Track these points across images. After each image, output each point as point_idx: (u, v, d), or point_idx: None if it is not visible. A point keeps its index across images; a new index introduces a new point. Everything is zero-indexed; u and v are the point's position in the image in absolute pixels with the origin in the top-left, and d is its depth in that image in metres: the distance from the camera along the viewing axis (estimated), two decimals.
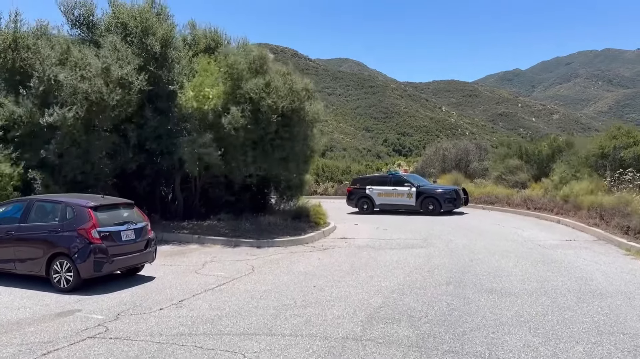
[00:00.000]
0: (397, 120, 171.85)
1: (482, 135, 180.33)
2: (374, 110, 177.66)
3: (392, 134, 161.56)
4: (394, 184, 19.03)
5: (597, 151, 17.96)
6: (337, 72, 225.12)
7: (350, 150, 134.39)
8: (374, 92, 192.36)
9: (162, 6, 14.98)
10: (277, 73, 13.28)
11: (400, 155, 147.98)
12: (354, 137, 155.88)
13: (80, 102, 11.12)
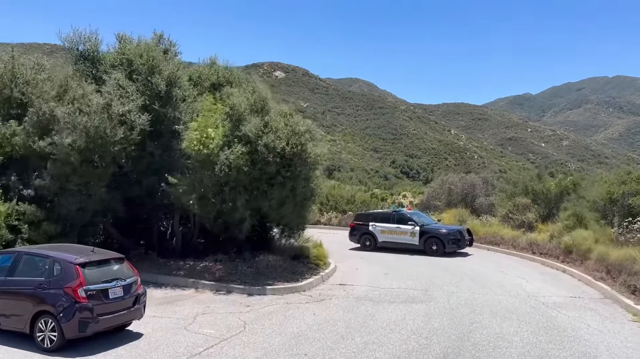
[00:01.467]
0: (406, 142, 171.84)
1: (490, 159, 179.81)
2: (383, 131, 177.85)
3: (401, 156, 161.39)
4: (398, 222, 18.74)
5: (606, 196, 17.58)
6: (347, 92, 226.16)
7: (357, 170, 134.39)
8: (384, 113, 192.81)
9: (170, 42, 15.03)
10: (279, 114, 13.15)
11: (408, 177, 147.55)
12: (362, 157, 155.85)
13: (79, 135, 11.00)
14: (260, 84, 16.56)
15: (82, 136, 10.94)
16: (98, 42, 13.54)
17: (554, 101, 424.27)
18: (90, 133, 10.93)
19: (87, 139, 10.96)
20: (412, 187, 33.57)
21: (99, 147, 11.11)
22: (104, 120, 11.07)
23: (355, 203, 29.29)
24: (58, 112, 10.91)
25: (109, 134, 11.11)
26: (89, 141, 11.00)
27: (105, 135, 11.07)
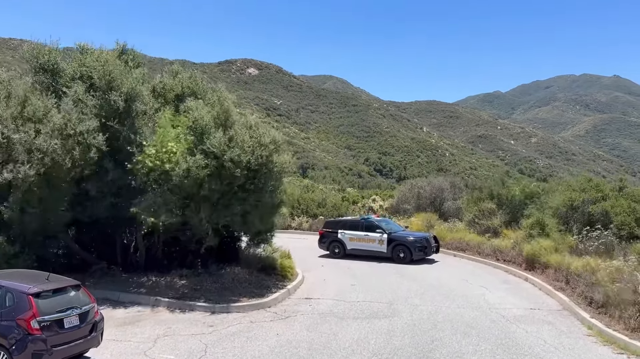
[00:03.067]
0: (379, 140, 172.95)
1: (461, 156, 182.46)
2: (356, 129, 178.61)
3: (374, 153, 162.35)
4: (366, 229, 18.87)
5: (567, 203, 18.04)
6: (321, 89, 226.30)
7: (332, 168, 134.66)
8: (357, 111, 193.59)
9: (133, 53, 14.78)
10: (244, 126, 13.05)
11: (381, 174, 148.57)
12: (336, 155, 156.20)
13: (38, 160, 10.74)
14: (227, 93, 16.44)
15: (40, 161, 10.67)
16: (59, 53, 13.19)
17: (523, 99, 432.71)
18: (47, 157, 10.65)
19: (45, 163, 10.69)
20: (382, 190, 33.74)
21: (57, 170, 10.85)
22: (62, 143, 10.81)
23: (326, 207, 29.33)
24: (15, 137, 10.58)
25: (67, 157, 10.85)
26: (46, 165, 10.73)
27: (63, 158, 10.81)
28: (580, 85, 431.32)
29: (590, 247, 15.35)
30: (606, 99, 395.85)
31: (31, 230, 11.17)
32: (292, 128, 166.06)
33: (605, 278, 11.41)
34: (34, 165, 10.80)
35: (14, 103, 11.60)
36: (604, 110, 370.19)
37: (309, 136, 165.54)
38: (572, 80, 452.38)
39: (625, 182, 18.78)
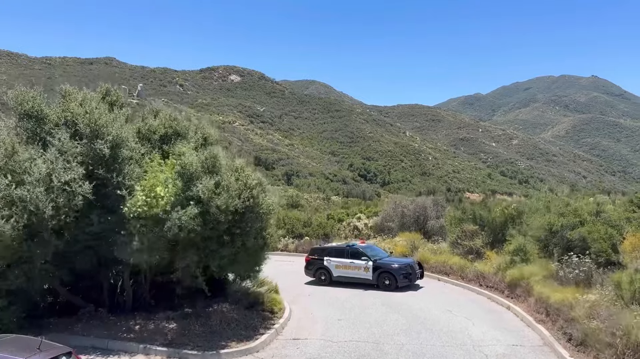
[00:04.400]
0: (363, 145, 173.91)
1: (444, 160, 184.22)
2: (340, 135, 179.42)
3: (358, 159, 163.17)
4: (352, 256, 19.13)
5: (546, 227, 18.50)
6: (304, 95, 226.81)
7: (316, 175, 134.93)
8: (340, 116, 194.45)
9: (117, 94, 14.89)
10: (230, 169, 13.22)
11: (365, 180, 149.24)
12: (320, 161, 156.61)
13: (20, 212, 10.76)
14: (210, 129, 16.65)
15: (23, 213, 10.71)
16: (42, 100, 13.20)
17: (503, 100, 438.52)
18: (29, 207, 10.70)
19: (28, 215, 10.74)
20: (367, 207, 34.03)
21: (40, 221, 10.89)
22: (45, 192, 10.86)
23: (312, 226, 29.54)
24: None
25: (51, 207, 10.90)
26: (29, 217, 10.77)
27: (46, 209, 10.86)
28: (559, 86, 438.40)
29: (570, 274, 15.80)
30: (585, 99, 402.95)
31: (16, 285, 11.18)
32: (276, 135, 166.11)
33: (582, 314, 11.78)
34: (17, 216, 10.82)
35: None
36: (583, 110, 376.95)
37: (293, 142, 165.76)
38: (552, 81, 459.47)
39: (603, 207, 19.28)
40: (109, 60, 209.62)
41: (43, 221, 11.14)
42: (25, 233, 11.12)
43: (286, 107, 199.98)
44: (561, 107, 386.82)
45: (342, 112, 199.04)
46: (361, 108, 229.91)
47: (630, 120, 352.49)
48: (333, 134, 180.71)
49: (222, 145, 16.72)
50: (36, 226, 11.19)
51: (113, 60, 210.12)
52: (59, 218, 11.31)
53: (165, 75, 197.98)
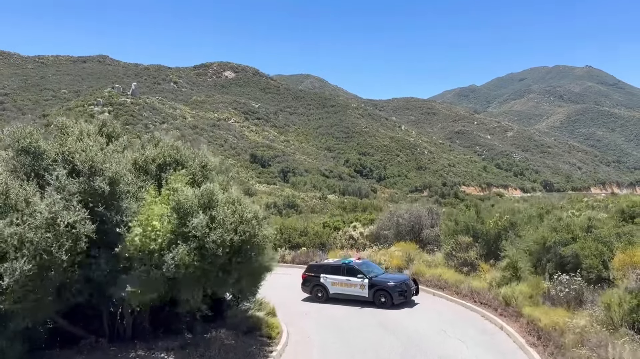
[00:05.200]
0: (358, 140, 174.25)
1: (439, 154, 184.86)
2: (336, 130, 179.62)
3: (354, 154, 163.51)
4: (348, 273, 19.42)
5: (540, 242, 18.82)
6: (299, 91, 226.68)
7: (312, 171, 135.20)
8: (336, 112, 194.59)
9: (114, 126, 15.05)
10: (227, 202, 13.41)
11: (361, 175, 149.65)
12: (316, 157, 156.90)
13: (30, 255, 10.97)
14: (210, 157, 16.83)
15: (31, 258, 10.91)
16: (39, 136, 13.35)
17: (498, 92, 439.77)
18: (38, 250, 10.90)
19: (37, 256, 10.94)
20: (363, 211, 34.33)
21: (48, 263, 11.09)
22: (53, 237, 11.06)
23: (308, 236, 29.81)
24: (5, 232, 10.78)
25: (57, 251, 11.11)
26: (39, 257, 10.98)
27: (52, 252, 11.06)
28: (553, 76, 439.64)
29: (561, 293, 16.17)
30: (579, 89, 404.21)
31: (21, 324, 11.39)
32: (272, 131, 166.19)
33: (572, 341, 12.10)
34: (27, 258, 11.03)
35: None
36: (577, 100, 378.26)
37: (289, 139, 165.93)
38: (546, 72, 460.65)
39: (594, 221, 19.56)
40: (102, 58, 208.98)
41: (54, 263, 11.35)
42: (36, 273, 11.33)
43: (281, 103, 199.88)
44: (556, 97, 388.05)
45: (337, 107, 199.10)
46: (356, 102, 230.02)
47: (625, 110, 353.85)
48: (328, 129, 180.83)
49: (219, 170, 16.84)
50: (47, 267, 11.40)
51: (106, 58, 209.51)
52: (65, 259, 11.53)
53: (159, 72, 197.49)
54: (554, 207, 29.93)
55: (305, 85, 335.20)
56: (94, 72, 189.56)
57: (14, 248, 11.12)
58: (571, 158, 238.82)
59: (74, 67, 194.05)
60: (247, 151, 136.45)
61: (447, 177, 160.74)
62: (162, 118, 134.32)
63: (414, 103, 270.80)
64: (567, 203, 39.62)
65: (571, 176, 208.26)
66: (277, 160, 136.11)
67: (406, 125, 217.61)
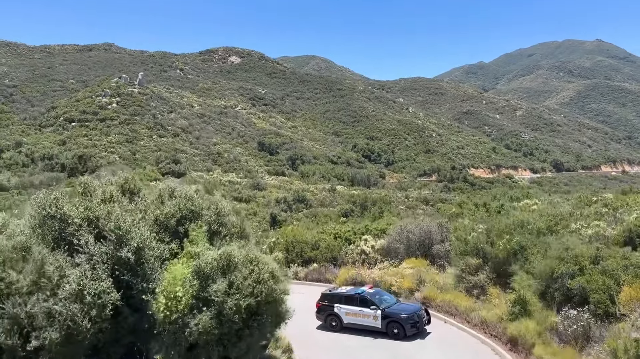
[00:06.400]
0: (366, 124, 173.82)
1: (448, 136, 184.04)
2: (343, 114, 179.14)
3: (361, 139, 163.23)
4: (361, 304, 20.04)
5: (548, 271, 19.29)
6: (305, 74, 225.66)
7: (320, 158, 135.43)
8: (342, 95, 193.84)
9: (134, 183, 15.58)
10: (245, 261, 13.96)
11: (369, 161, 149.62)
12: (324, 142, 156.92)
13: (60, 326, 11.63)
14: (224, 203, 17.34)
15: (61, 325, 11.56)
16: (64, 201, 13.92)
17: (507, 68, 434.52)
18: (67, 321, 11.55)
19: (65, 327, 11.59)
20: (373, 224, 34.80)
21: (79, 332, 11.75)
22: (79, 308, 11.69)
23: (320, 249, 30.42)
24: (36, 308, 11.43)
25: (82, 320, 11.75)
26: (67, 328, 11.63)
27: (78, 322, 11.70)
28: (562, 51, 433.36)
29: (569, 329, 16.73)
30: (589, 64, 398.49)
31: None
32: (279, 117, 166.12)
33: None
34: (56, 329, 11.72)
35: (30, 269, 12.43)
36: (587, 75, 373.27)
37: (296, 124, 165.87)
38: (555, 47, 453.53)
39: (602, 251, 19.88)
40: (108, 46, 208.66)
41: (81, 333, 12.03)
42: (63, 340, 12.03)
43: (287, 88, 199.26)
44: (565, 73, 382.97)
45: (344, 91, 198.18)
46: (363, 85, 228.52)
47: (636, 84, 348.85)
48: (335, 114, 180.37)
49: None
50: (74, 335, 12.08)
51: (112, 46, 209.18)
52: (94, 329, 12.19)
53: (165, 59, 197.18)
54: (562, 218, 30.21)
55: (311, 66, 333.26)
56: (100, 61, 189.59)
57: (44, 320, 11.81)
58: (581, 136, 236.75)
59: (80, 56, 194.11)
60: (254, 139, 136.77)
61: (456, 160, 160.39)
62: (169, 108, 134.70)
63: (422, 83, 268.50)
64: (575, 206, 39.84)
65: (581, 154, 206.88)
66: (285, 147, 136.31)
67: (414, 106, 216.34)
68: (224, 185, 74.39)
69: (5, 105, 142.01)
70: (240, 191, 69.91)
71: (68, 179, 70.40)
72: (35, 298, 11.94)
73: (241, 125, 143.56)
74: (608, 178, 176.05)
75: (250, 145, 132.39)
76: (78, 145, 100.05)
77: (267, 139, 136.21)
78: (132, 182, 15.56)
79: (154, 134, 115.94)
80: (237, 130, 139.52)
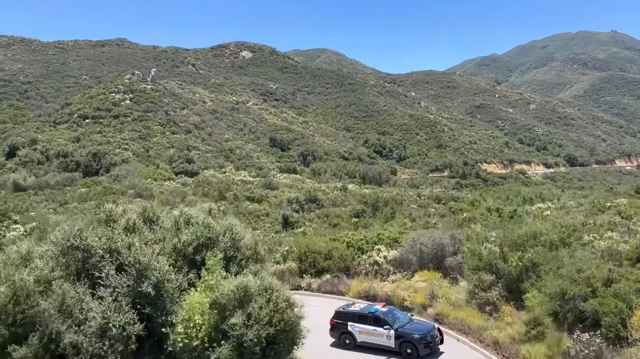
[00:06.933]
0: (377, 119, 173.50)
1: (460, 130, 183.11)
2: (354, 109, 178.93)
3: (373, 134, 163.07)
4: (374, 323, 20.32)
5: (560, 293, 19.43)
6: (316, 69, 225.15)
7: (332, 154, 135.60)
8: (353, 90, 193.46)
9: (152, 210, 15.96)
10: (260, 291, 14.29)
11: (381, 156, 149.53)
12: (335, 138, 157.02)
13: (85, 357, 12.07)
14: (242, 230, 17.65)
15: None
16: (88, 233, 14.33)
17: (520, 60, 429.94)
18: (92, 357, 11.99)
19: None
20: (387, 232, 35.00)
21: None
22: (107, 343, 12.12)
23: (333, 259, 30.69)
24: (66, 339, 11.88)
25: (109, 353, 12.17)
26: None
27: (104, 356, 12.13)
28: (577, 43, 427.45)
29: (581, 353, 16.91)
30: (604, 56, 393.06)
31: None
32: (290, 112, 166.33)
33: None
34: None
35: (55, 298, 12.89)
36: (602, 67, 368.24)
37: (307, 120, 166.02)
38: (569, 38, 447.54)
39: (614, 272, 19.96)
40: (121, 41, 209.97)
41: None
42: None
43: (299, 83, 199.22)
44: (579, 65, 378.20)
45: (355, 86, 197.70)
46: (374, 79, 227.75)
47: None
48: (347, 109, 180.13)
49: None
50: None
51: (125, 42, 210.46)
52: None
53: (177, 55, 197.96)
54: (575, 229, 30.23)
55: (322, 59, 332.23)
56: (113, 56, 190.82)
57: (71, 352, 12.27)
58: (595, 129, 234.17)
59: (93, 52, 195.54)
60: (266, 134, 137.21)
61: (468, 155, 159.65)
62: (182, 104, 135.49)
63: (434, 77, 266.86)
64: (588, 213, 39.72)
65: (595, 149, 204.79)
66: (296, 143, 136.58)
67: (425, 100, 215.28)
68: (237, 184, 74.90)
69: (20, 102, 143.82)
70: (252, 191, 70.34)
71: (83, 179, 71.39)
72: (61, 328, 12.41)
73: (253, 121, 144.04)
74: (622, 173, 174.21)
75: (262, 141, 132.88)
76: (92, 142, 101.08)
77: (279, 135, 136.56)
78: (151, 210, 15.93)
79: (166, 131, 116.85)
80: (248, 126, 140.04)
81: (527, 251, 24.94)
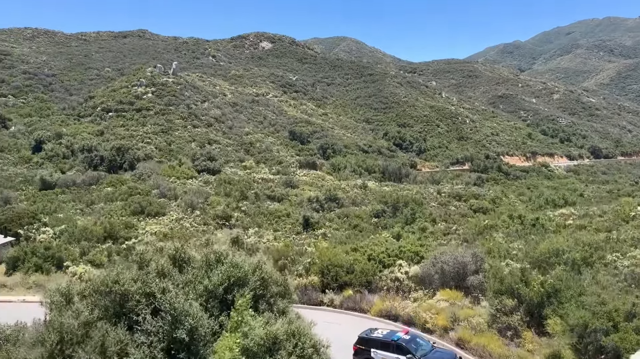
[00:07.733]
0: (397, 111, 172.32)
1: (482, 122, 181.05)
2: (374, 101, 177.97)
3: (393, 126, 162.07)
4: (397, 351, 20.81)
5: (582, 324, 19.65)
6: (336, 60, 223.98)
7: (351, 147, 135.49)
8: (373, 81, 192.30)
9: (182, 251, 16.58)
10: (288, 336, 14.87)
11: (401, 149, 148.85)
12: (355, 130, 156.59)
13: None
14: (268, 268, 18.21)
15: None
16: (125, 279, 15.01)
17: (544, 47, 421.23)
18: None
19: None
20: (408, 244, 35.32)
21: None
22: None
23: (355, 273, 31.17)
24: None
25: None
26: None
27: None
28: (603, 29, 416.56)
29: None
30: (631, 43, 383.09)
31: None
32: (309, 104, 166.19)
33: None
34: None
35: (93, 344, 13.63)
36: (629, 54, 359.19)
37: (327, 111, 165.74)
38: (595, 25, 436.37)
39: (637, 307, 20.05)
40: (142, 32, 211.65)
41: None
42: None
43: (318, 74, 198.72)
44: (605, 52, 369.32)
45: (376, 76, 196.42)
46: (395, 68, 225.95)
47: None
48: (367, 100, 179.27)
49: None
50: None
51: (146, 33, 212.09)
52: None
53: (198, 46, 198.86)
54: (597, 248, 30.20)
55: (342, 48, 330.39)
56: (135, 48, 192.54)
57: None
58: (621, 120, 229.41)
59: (115, 43, 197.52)
60: (286, 127, 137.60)
61: (490, 147, 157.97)
62: (203, 97, 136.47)
63: (455, 66, 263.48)
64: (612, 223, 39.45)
65: (620, 140, 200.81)
66: (315, 136, 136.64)
67: (446, 90, 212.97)
68: (257, 182, 75.68)
69: (45, 94, 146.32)
70: (273, 190, 71.03)
71: (109, 176, 72.78)
72: None
73: (272, 114, 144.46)
74: None
75: (282, 134, 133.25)
76: (115, 135, 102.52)
77: (298, 128, 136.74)
78: (182, 252, 16.54)
79: (188, 124, 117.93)
80: (268, 118, 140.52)
81: (549, 270, 25.15)
